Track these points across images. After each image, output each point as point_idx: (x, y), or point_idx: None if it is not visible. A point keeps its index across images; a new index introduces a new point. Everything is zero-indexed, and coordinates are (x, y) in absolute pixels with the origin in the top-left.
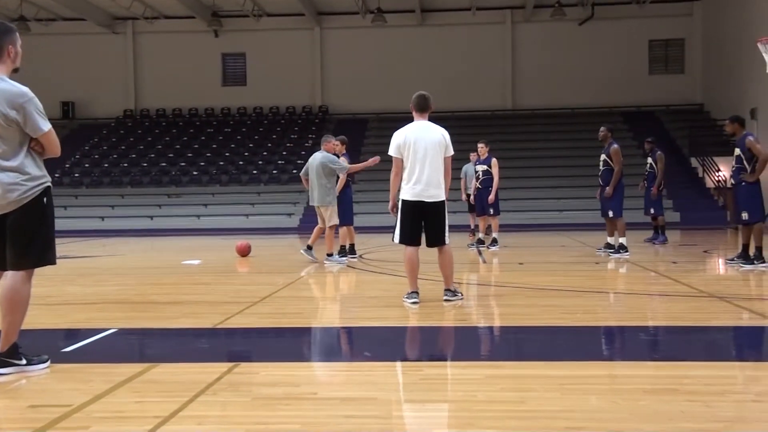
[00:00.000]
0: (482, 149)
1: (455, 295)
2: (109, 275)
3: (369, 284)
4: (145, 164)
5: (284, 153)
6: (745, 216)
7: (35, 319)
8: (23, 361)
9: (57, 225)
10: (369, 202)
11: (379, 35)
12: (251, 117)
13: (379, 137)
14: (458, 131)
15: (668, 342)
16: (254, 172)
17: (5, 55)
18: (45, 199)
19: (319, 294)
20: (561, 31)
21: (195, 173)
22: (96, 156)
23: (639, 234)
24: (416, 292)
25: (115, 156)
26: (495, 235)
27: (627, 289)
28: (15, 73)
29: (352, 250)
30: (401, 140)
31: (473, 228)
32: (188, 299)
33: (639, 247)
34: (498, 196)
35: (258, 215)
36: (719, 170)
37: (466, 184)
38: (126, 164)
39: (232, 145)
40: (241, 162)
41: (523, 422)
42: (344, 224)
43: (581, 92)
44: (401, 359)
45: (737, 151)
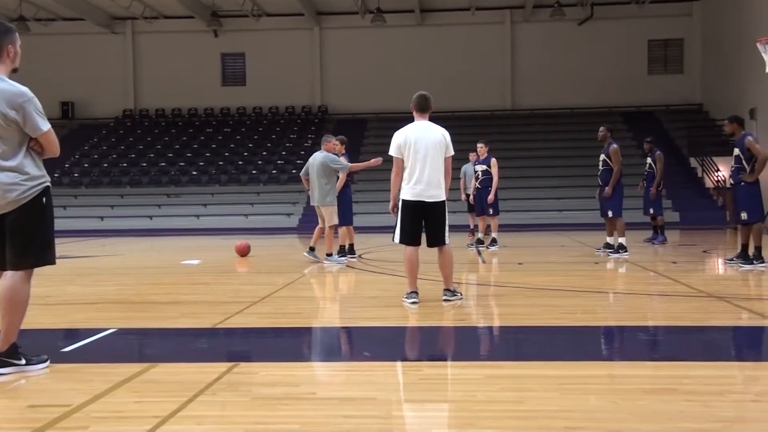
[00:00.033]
0: (481, 149)
1: (454, 295)
2: (109, 275)
3: (368, 284)
4: (145, 164)
5: (283, 153)
6: (744, 216)
7: (34, 319)
8: (22, 361)
9: (56, 225)
10: (368, 202)
11: (379, 35)
12: (251, 117)
13: (379, 137)
14: (457, 131)
15: (667, 342)
16: (253, 172)
17: (5, 55)
18: (44, 199)
19: (319, 294)
20: (560, 31)
21: (194, 173)
22: (95, 156)
23: (638, 234)
24: (416, 292)
25: (115, 156)
26: (494, 235)
27: (626, 289)
28: (14, 73)
29: (352, 250)
30: (402, 140)
31: (472, 228)
32: (188, 299)
33: (638, 247)
34: (497, 196)
35: (257, 215)
36: (718, 170)
37: (466, 184)
38: (125, 164)
39: (232, 145)
40: (241, 162)
41: (523, 422)
42: (344, 224)
43: (580, 92)
44: (400, 359)
45: (736, 151)
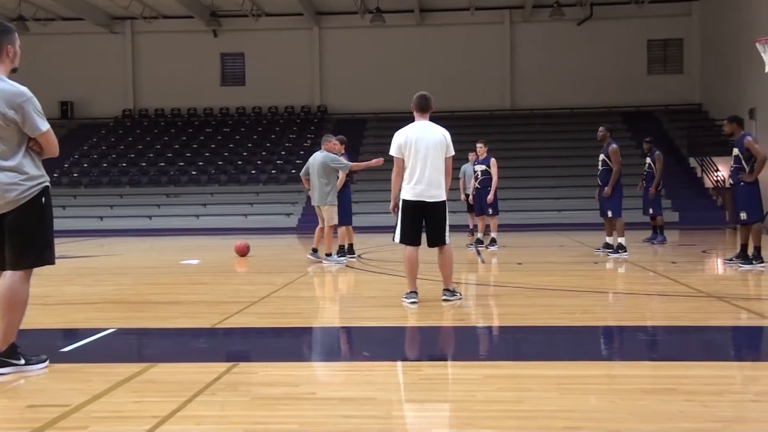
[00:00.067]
0: (481, 149)
1: (454, 295)
2: (108, 275)
3: (368, 284)
4: (144, 164)
5: (283, 153)
6: (744, 216)
7: (34, 319)
8: (22, 361)
9: (56, 225)
10: (368, 202)
11: (378, 35)
12: (250, 117)
13: (378, 137)
14: (457, 131)
15: (667, 342)
16: (253, 172)
17: (4, 55)
18: (43, 199)
19: (318, 294)
20: (560, 31)
21: (194, 173)
22: (95, 156)
23: (638, 234)
24: (415, 292)
25: (114, 156)
26: (494, 235)
27: (626, 289)
28: (14, 73)
29: (351, 250)
30: (402, 140)
31: (472, 228)
32: (187, 299)
33: (638, 247)
34: (497, 196)
35: (257, 215)
36: (718, 170)
37: (465, 184)
38: (125, 164)
39: (231, 145)
40: (240, 162)
41: (522, 422)
42: (343, 224)
43: (580, 92)
44: (400, 359)
45: (736, 151)
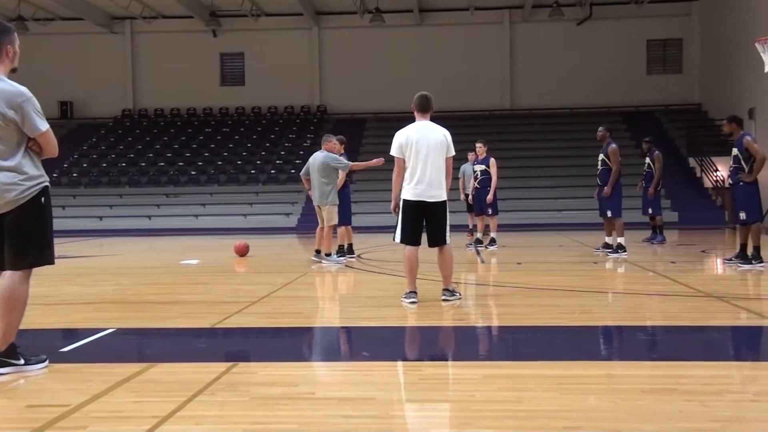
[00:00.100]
0: (480, 149)
1: (453, 295)
2: (107, 275)
3: (367, 284)
4: (144, 164)
5: (282, 153)
6: (743, 216)
7: (33, 319)
8: (21, 361)
9: (55, 225)
10: (367, 202)
11: (378, 35)
12: (249, 117)
13: (378, 137)
14: (456, 131)
15: (666, 342)
16: (252, 172)
17: (4, 55)
18: (43, 199)
19: (318, 294)
20: (559, 31)
21: (193, 173)
22: (94, 156)
23: (637, 234)
24: (414, 292)
25: (113, 156)
26: (493, 235)
27: (625, 289)
28: (13, 73)
29: (351, 250)
30: (403, 140)
31: (471, 228)
32: (186, 299)
33: (637, 247)
34: (496, 196)
35: (256, 215)
36: (717, 170)
37: (465, 184)
38: (124, 164)
39: (231, 145)
40: (240, 162)
41: (521, 422)
42: (342, 224)
43: (579, 92)
44: (399, 359)
45: (735, 151)
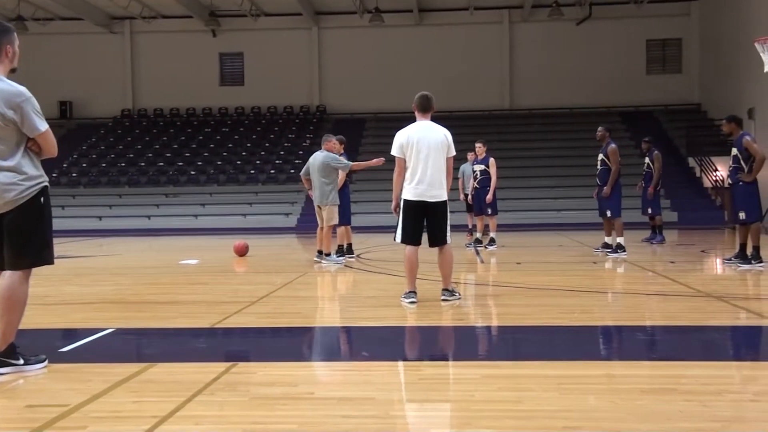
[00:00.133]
0: (480, 149)
1: (453, 295)
2: (107, 275)
3: (366, 284)
4: (143, 164)
5: (282, 153)
6: (743, 216)
7: (33, 319)
8: (21, 361)
9: (54, 225)
10: (366, 202)
11: (377, 35)
12: (249, 117)
13: (377, 137)
14: (456, 131)
15: (666, 342)
16: (252, 172)
17: (3, 55)
18: (42, 199)
19: (317, 294)
20: (558, 31)
21: (192, 173)
22: (93, 156)
23: (636, 234)
24: (414, 292)
25: (113, 156)
26: (493, 235)
27: (624, 289)
28: (13, 73)
29: (350, 250)
30: (404, 140)
31: (471, 228)
32: (186, 299)
33: (636, 247)
34: (496, 196)
35: (255, 215)
36: (717, 170)
37: (464, 184)
38: (123, 164)
39: (230, 145)
40: (239, 162)
41: (521, 422)
42: (342, 224)
43: (579, 92)
44: (399, 359)
45: (734, 151)
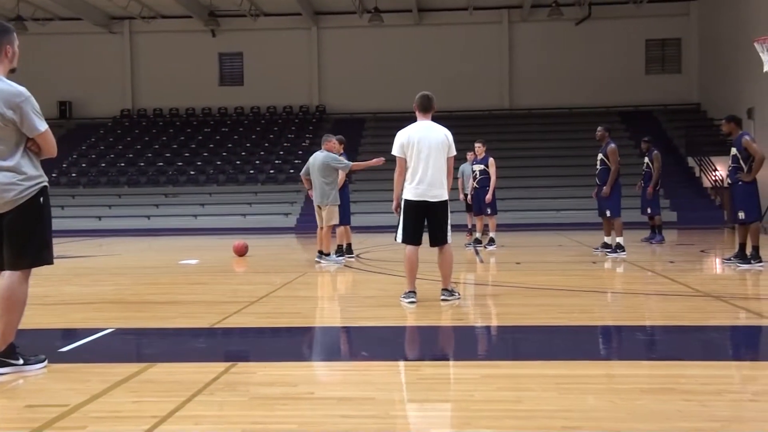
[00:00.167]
0: (479, 149)
1: (452, 295)
2: (106, 275)
3: (366, 284)
4: (142, 164)
5: (281, 153)
6: (742, 215)
7: (32, 319)
8: (20, 361)
9: (54, 225)
10: (366, 202)
11: (376, 35)
12: (248, 117)
13: (377, 137)
14: (455, 131)
15: (665, 341)
16: (251, 172)
17: (3, 55)
18: (42, 199)
19: (317, 294)
20: (558, 31)
21: (192, 173)
22: (93, 156)
23: (636, 233)
24: (414, 292)
25: (112, 156)
26: (492, 235)
27: (624, 289)
28: (12, 73)
29: (349, 250)
30: (405, 140)
31: (470, 228)
32: (185, 299)
33: (636, 247)
34: (495, 196)
35: (255, 215)
36: (716, 170)
37: (464, 184)
38: (123, 164)
39: (230, 145)
40: (239, 162)
41: (521, 422)
42: (341, 224)
43: (578, 92)
44: (398, 359)
45: (734, 151)
